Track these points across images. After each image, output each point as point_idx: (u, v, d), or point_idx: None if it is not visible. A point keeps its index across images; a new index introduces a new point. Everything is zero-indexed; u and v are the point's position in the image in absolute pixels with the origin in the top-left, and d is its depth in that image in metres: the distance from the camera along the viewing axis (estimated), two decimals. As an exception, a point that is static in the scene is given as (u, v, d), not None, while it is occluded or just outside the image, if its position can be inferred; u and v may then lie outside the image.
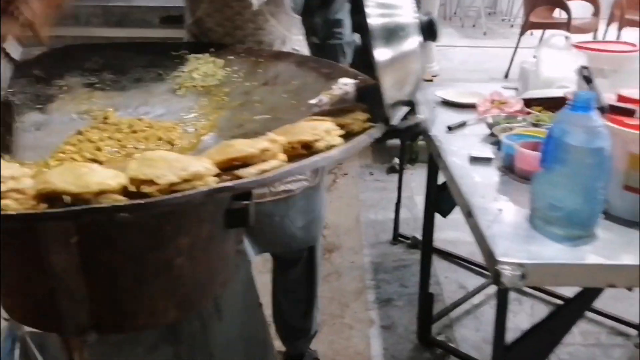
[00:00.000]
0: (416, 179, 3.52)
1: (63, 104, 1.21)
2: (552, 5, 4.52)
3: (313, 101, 1.10)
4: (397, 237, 3.00)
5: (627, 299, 2.31)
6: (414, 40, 0.87)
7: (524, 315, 2.41)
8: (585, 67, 1.38)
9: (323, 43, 1.64)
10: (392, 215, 3.17)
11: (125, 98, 1.25)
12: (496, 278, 1.19)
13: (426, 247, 2.14)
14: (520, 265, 1.17)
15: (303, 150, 0.76)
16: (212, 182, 0.66)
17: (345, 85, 1.12)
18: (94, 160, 0.89)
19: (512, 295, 2.54)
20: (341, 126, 0.83)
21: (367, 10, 0.84)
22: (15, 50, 1.02)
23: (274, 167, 0.71)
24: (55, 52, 1.41)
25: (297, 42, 1.56)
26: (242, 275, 1.29)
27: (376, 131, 0.86)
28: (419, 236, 2.97)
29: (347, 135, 0.82)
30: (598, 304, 2.04)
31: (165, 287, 0.99)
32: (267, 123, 1.08)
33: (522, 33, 4.48)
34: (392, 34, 0.84)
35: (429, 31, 0.90)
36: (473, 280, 2.65)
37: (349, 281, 2.66)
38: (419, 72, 0.91)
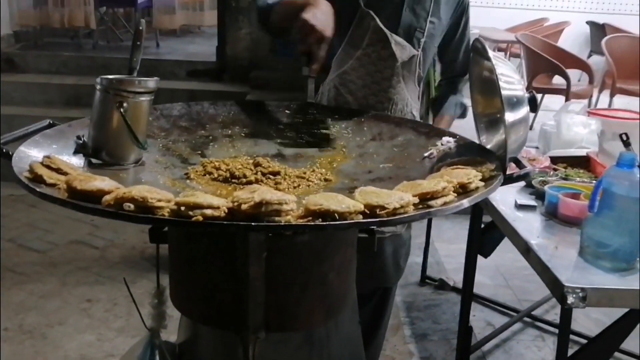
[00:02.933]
0: (434, 227, 3.81)
1: (215, 151, 1.49)
2: (552, 73, 4.98)
3: (426, 154, 1.41)
4: (425, 279, 3.27)
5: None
6: (525, 110, 1.18)
7: (548, 349, 2.67)
8: (624, 133, 1.70)
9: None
10: (417, 259, 3.45)
11: (261, 147, 1.54)
12: (562, 300, 1.47)
13: (467, 285, 2.41)
14: (583, 289, 1.46)
15: (459, 189, 1.05)
16: (412, 209, 0.94)
17: (448, 142, 1.43)
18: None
19: (536, 332, 2.82)
20: (476, 173, 1.12)
21: (500, 83, 1.16)
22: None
23: (452, 200, 1.00)
24: (191, 107, 1.69)
25: (415, 109, 1.89)
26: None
27: (502, 178, 1.16)
28: (445, 278, 3.27)
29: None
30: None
31: (320, 296, 1.26)
32: (392, 170, 1.38)
33: (524, 97, 4.89)
34: (515, 103, 1.16)
35: (531, 104, 1.21)
36: (498, 319, 2.93)
37: (385, 318, 2.91)
38: (526, 136, 1.22)
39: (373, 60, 1.81)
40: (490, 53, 1.24)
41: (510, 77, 1.20)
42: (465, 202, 1.00)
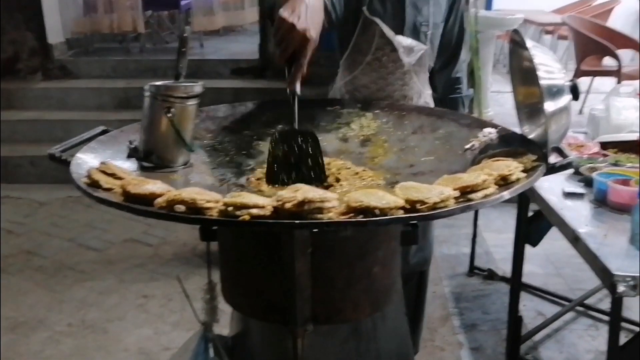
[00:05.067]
0: (481, 217, 3.77)
1: (259, 150, 1.54)
2: (602, 54, 4.83)
3: (467, 146, 1.41)
4: (473, 270, 3.25)
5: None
6: (566, 99, 1.17)
7: (602, 339, 2.62)
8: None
9: (444, 97, 1.97)
10: (464, 250, 3.44)
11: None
12: (612, 289, 1.45)
13: (516, 274, 2.39)
14: (633, 277, 1.44)
15: (501, 181, 1.06)
16: (453, 203, 0.96)
17: (490, 133, 1.43)
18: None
19: (589, 321, 2.77)
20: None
21: (539, 73, 1.16)
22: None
23: (493, 193, 1.01)
24: (235, 108, 1.74)
25: (428, 96, 1.89)
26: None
27: (544, 168, 1.16)
28: (494, 268, 3.24)
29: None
30: None
31: (365, 289, 1.29)
32: (433, 163, 1.39)
33: (573, 80, 4.76)
34: (555, 92, 1.16)
35: (573, 92, 1.20)
36: (549, 308, 2.88)
37: (433, 309, 2.91)
38: (568, 125, 1.21)
39: (384, 64, 1.81)
40: (529, 43, 1.23)
41: (550, 66, 1.19)
42: (506, 194, 1.01)
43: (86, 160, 1.23)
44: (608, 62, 4.94)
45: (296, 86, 1.25)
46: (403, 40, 1.79)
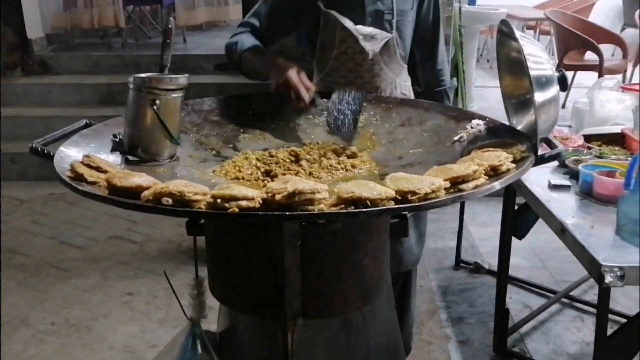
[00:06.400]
0: (467, 211, 3.78)
1: (246, 143, 1.52)
2: (584, 49, 4.87)
3: (456, 138, 1.41)
4: (459, 263, 3.26)
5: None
6: (554, 89, 1.17)
7: (587, 330, 2.64)
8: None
9: (428, 91, 1.95)
10: (450, 244, 3.45)
11: (291, 137, 1.56)
12: (600, 280, 1.46)
13: (503, 267, 2.40)
14: (620, 268, 1.44)
15: (490, 172, 1.06)
16: (444, 194, 0.95)
17: (478, 124, 1.43)
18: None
19: (574, 313, 2.79)
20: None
21: (529, 64, 1.15)
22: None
23: (483, 183, 1.01)
24: (220, 102, 1.72)
25: (406, 87, 1.87)
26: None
27: (533, 159, 1.15)
28: (480, 262, 3.25)
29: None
30: None
31: (355, 282, 1.28)
32: (422, 155, 1.38)
33: (555, 75, 4.79)
34: (544, 83, 1.15)
35: (562, 83, 1.20)
36: (535, 300, 2.90)
37: (420, 303, 2.90)
38: (556, 115, 1.21)
39: (350, 56, 1.80)
40: (517, 33, 1.23)
41: (539, 57, 1.19)
42: (497, 185, 1.01)
43: (69, 154, 1.20)
44: (590, 56, 4.98)
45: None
46: (363, 29, 1.77)
